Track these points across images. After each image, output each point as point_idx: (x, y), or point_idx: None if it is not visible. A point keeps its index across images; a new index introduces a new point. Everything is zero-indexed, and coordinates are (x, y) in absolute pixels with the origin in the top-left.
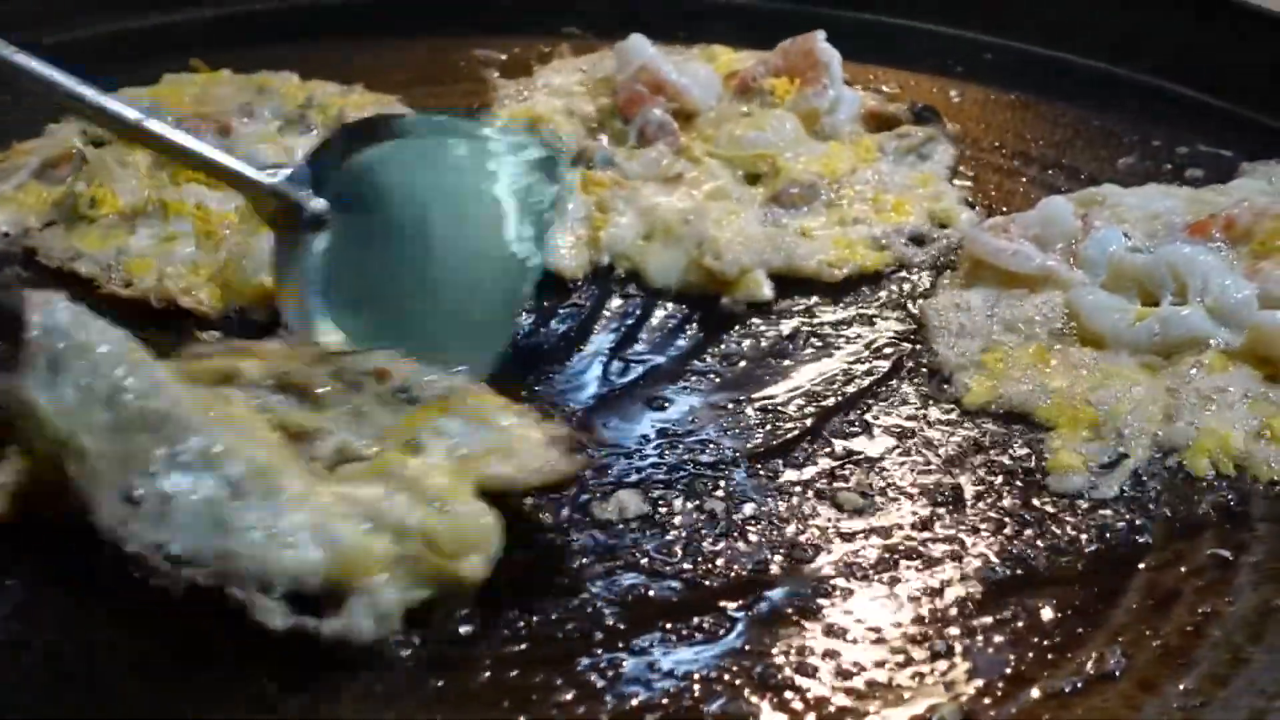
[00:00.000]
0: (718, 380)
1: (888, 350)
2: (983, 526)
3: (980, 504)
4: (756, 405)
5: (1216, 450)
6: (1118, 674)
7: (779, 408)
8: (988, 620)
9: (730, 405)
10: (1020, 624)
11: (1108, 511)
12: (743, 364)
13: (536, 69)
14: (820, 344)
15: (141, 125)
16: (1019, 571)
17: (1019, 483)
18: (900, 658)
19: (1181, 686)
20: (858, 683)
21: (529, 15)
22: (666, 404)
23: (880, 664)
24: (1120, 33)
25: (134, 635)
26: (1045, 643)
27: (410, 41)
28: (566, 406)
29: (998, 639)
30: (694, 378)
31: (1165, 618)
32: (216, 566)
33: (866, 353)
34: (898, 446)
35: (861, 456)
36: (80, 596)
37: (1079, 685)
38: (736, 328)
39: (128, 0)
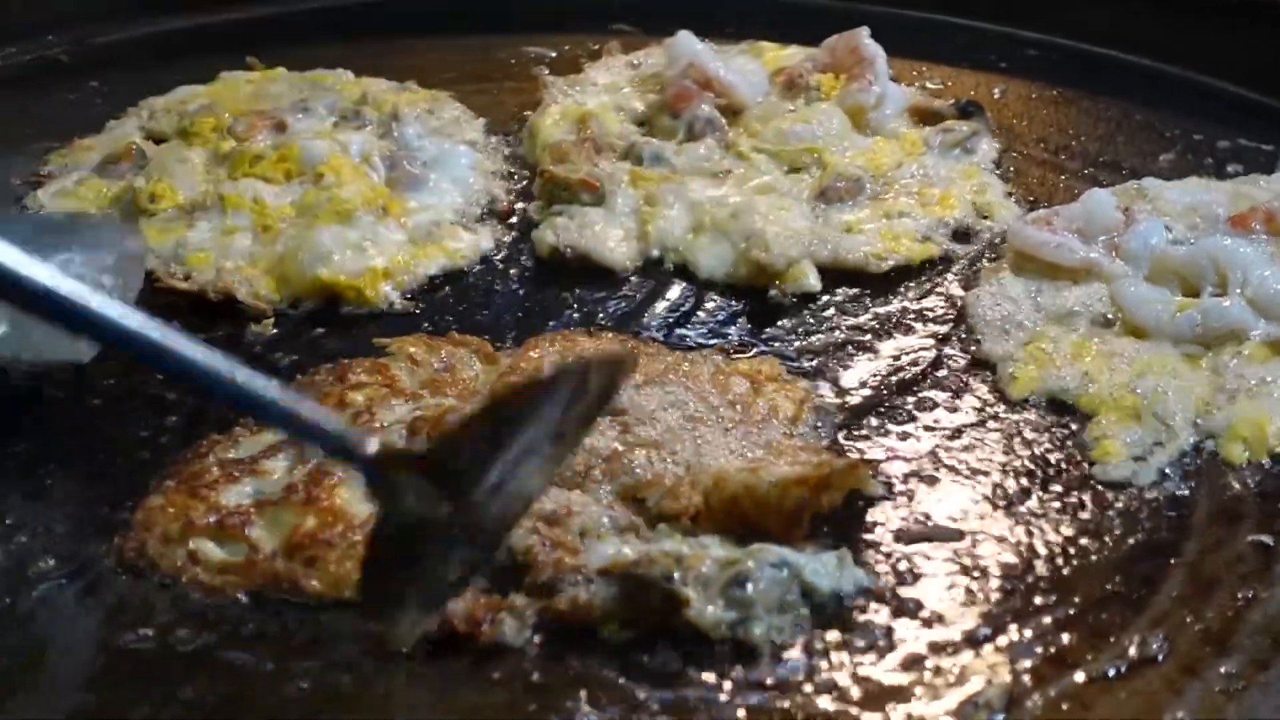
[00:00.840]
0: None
1: (933, 341)
2: (1027, 513)
3: (1025, 492)
4: None
5: (1252, 438)
6: (1160, 658)
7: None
8: (1032, 605)
9: None
10: (1064, 609)
11: (1150, 498)
12: (790, 354)
13: (586, 66)
14: (866, 335)
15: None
16: (1063, 557)
17: (1064, 471)
18: (946, 641)
19: (1222, 670)
20: (904, 664)
21: (579, 12)
22: None
23: (926, 646)
24: (1162, 29)
25: None
26: (1088, 627)
27: (462, 38)
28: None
29: (1042, 623)
30: None
31: (1206, 603)
32: None
33: (912, 343)
34: (943, 436)
35: (908, 446)
36: None
37: (1122, 669)
38: (784, 319)
39: None
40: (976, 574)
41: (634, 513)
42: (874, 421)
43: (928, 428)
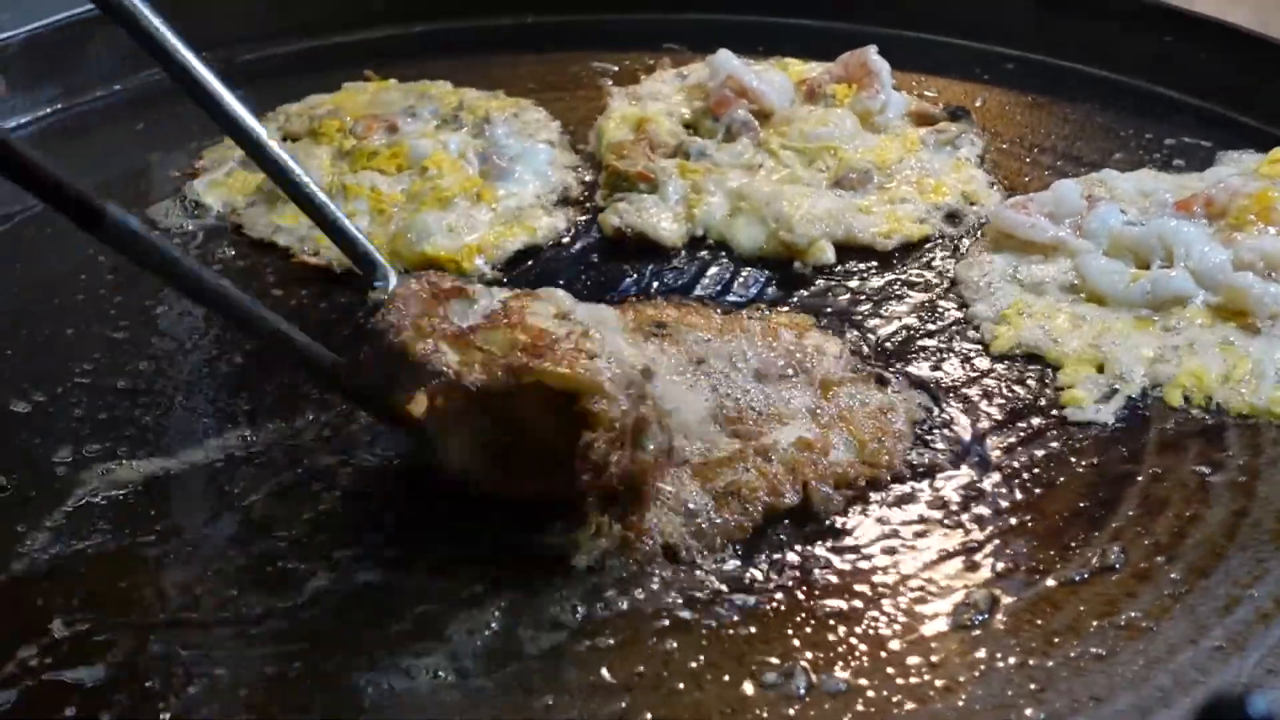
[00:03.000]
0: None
1: (928, 305)
2: (1009, 446)
3: (1006, 428)
4: None
5: (1192, 386)
6: (1117, 566)
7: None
8: (1012, 522)
9: None
10: (1038, 526)
11: (1109, 435)
12: (811, 316)
13: (643, 77)
14: (874, 300)
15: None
16: (1038, 482)
17: (1037, 412)
18: (938, 554)
19: (1171, 576)
20: (901, 577)
21: (637, 33)
22: None
23: (921, 560)
24: (1117, 45)
25: None
26: (1058, 541)
27: (540, 55)
28: None
29: (1019, 538)
30: None
31: (1156, 520)
32: None
33: (911, 307)
34: (938, 383)
35: (911, 392)
36: None
37: (1086, 575)
38: (806, 287)
39: (313, 23)
40: (964, 496)
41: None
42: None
43: (925, 376)
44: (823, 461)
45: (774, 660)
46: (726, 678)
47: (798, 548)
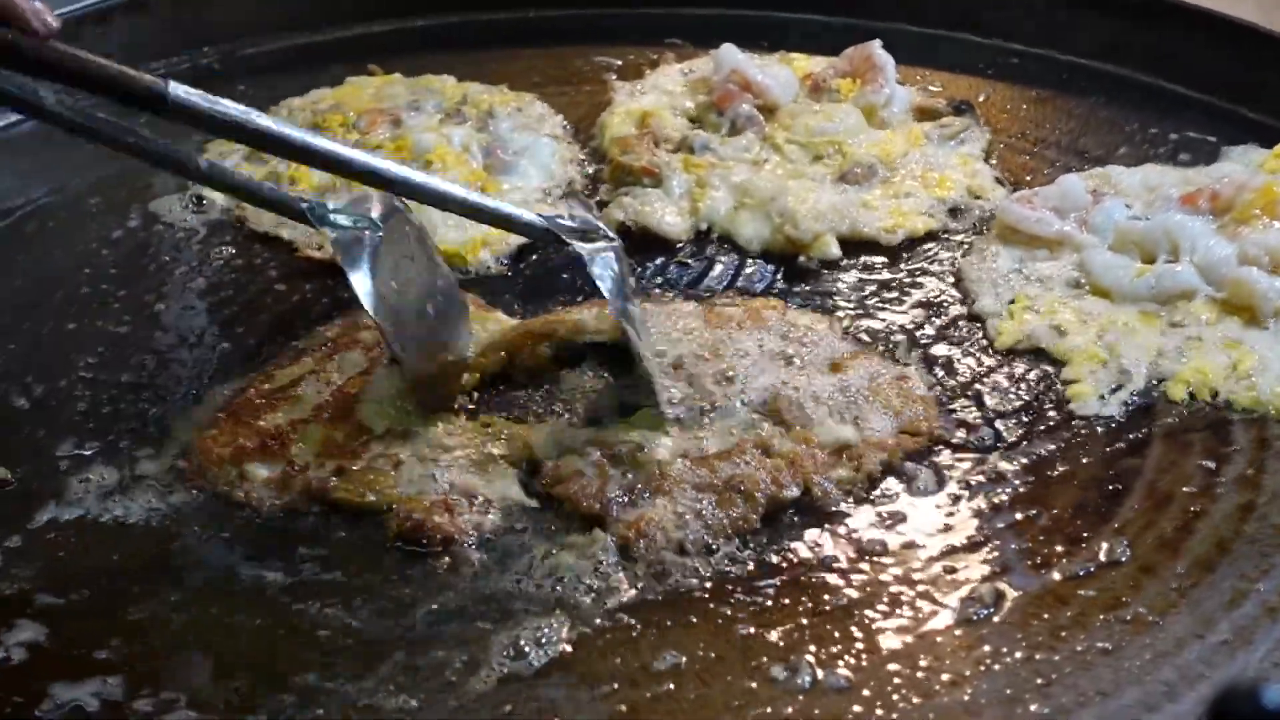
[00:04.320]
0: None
1: (933, 300)
2: (1014, 441)
3: (1012, 423)
4: None
5: (1197, 381)
6: (1123, 560)
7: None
8: (1017, 517)
9: None
10: (1044, 519)
11: (1114, 429)
12: (817, 309)
13: (647, 72)
14: (879, 295)
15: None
16: (1043, 476)
17: (1043, 406)
18: (943, 548)
19: (1177, 571)
20: (908, 571)
21: (641, 28)
22: None
23: (927, 554)
24: (1123, 40)
25: None
26: (1064, 535)
27: (544, 50)
28: None
29: (1026, 531)
30: None
31: (1162, 515)
32: None
33: (916, 302)
34: (945, 378)
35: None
36: None
37: (1091, 569)
38: (811, 281)
39: (316, 18)
40: (971, 490)
41: None
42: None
43: (931, 371)
44: (820, 455)
45: (780, 655)
46: (732, 673)
47: (803, 542)
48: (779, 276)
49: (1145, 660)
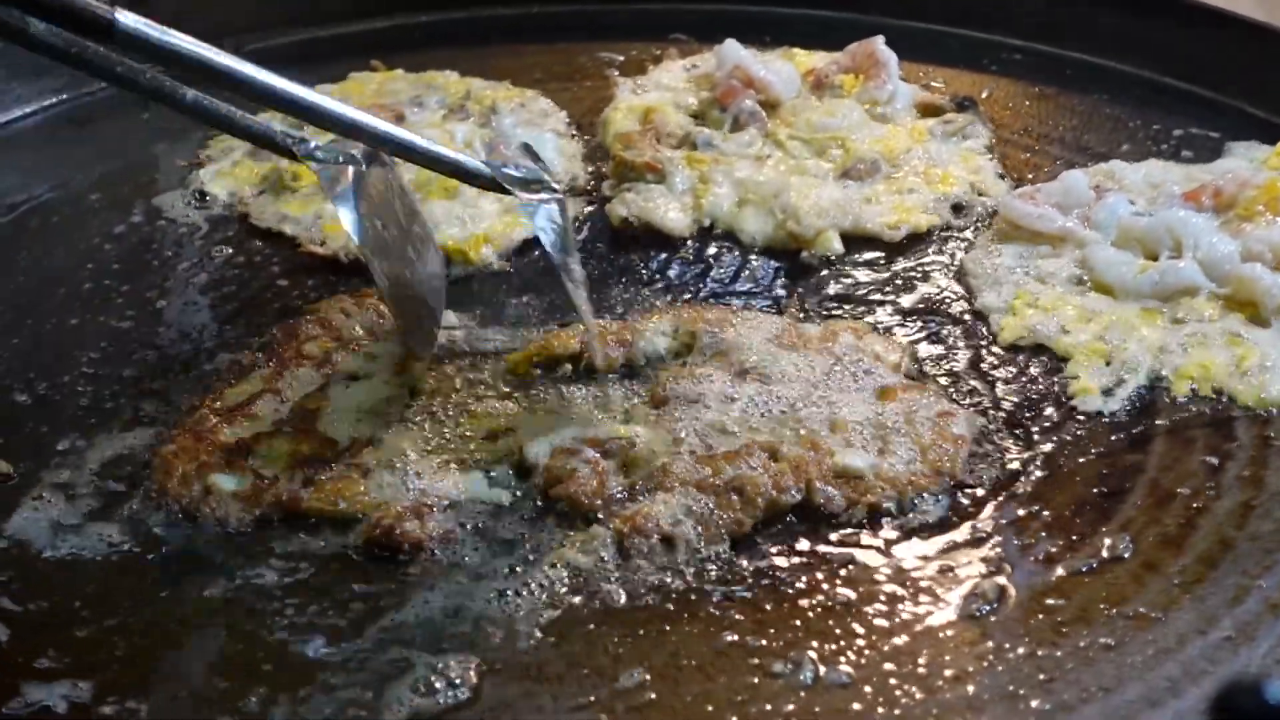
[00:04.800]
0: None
1: (936, 296)
2: (1017, 437)
3: (1014, 419)
4: None
5: (1200, 377)
6: (1126, 556)
7: None
8: (1020, 513)
9: None
10: (1046, 515)
11: (1117, 425)
12: (820, 304)
13: (649, 68)
14: (882, 290)
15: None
16: (1047, 473)
17: (1046, 402)
18: (947, 543)
19: (1180, 566)
20: (912, 568)
21: (644, 24)
22: None
23: (932, 550)
24: (1126, 35)
25: None
26: (1067, 531)
27: (547, 46)
28: None
29: (1028, 527)
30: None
31: (1165, 511)
32: None
33: (919, 298)
34: (948, 374)
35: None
36: None
37: (1094, 565)
38: (813, 276)
39: (319, 13)
40: (974, 487)
41: None
42: None
43: (934, 367)
44: (827, 461)
45: (781, 651)
46: (734, 669)
47: (805, 538)
48: (782, 272)
49: (1148, 656)
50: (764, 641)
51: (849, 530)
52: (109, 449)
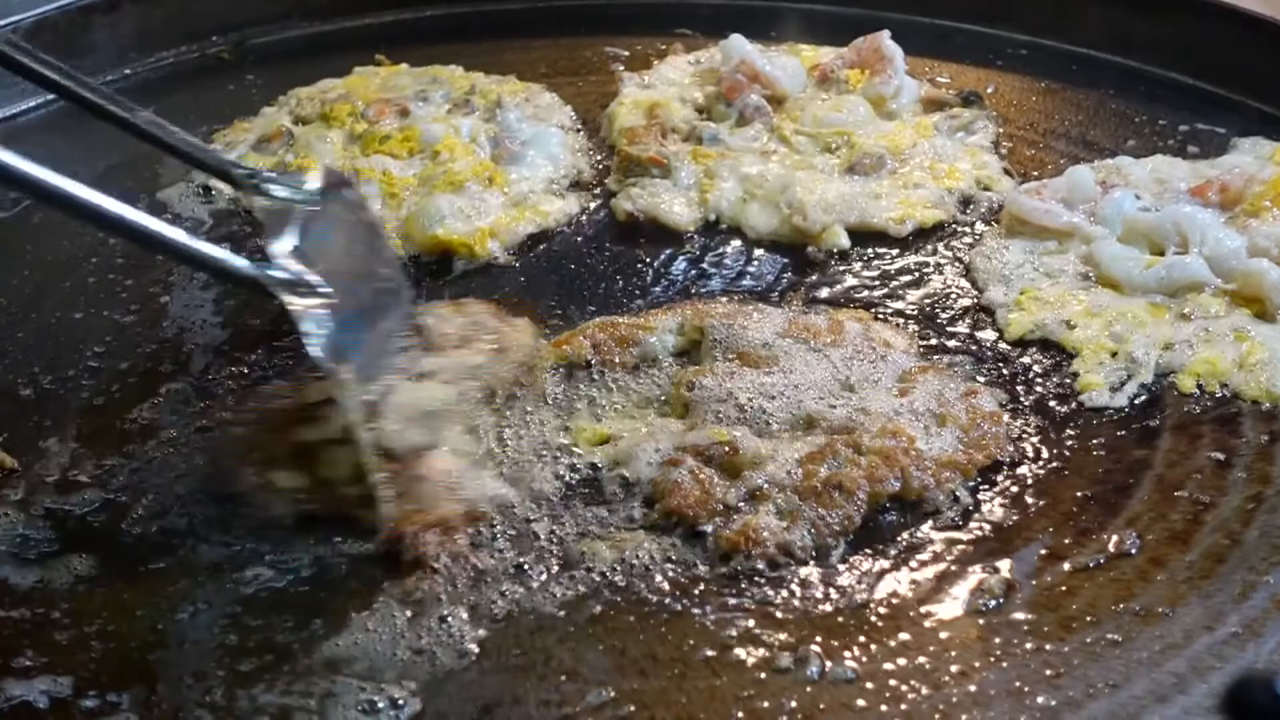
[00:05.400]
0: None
1: (943, 291)
2: (1026, 433)
3: (1023, 415)
4: None
5: (1206, 372)
6: (1133, 552)
7: None
8: (1027, 508)
9: None
10: (1053, 511)
11: (1124, 421)
12: (825, 299)
13: (655, 63)
14: (888, 285)
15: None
16: (1053, 468)
17: (1052, 397)
18: (953, 538)
19: (1187, 562)
20: (920, 563)
21: (649, 18)
22: None
23: (935, 545)
24: (1132, 31)
25: None
26: (1073, 526)
27: (552, 40)
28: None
29: (1035, 523)
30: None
31: (1171, 507)
32: None
33: (925, 293)
34: (956, 369)
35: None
36: None
37: (1101, 561)
38: (819, 272)
39: (324, 7)
40: (976, 482)
41: None
42: None
43: (944, 362)
44: (912, 450)
45: (787, 646)
46: (740, 664)
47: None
48: (788, 267)
49: (1155, 652)
50: (769, 637)
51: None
52: (107, 445)
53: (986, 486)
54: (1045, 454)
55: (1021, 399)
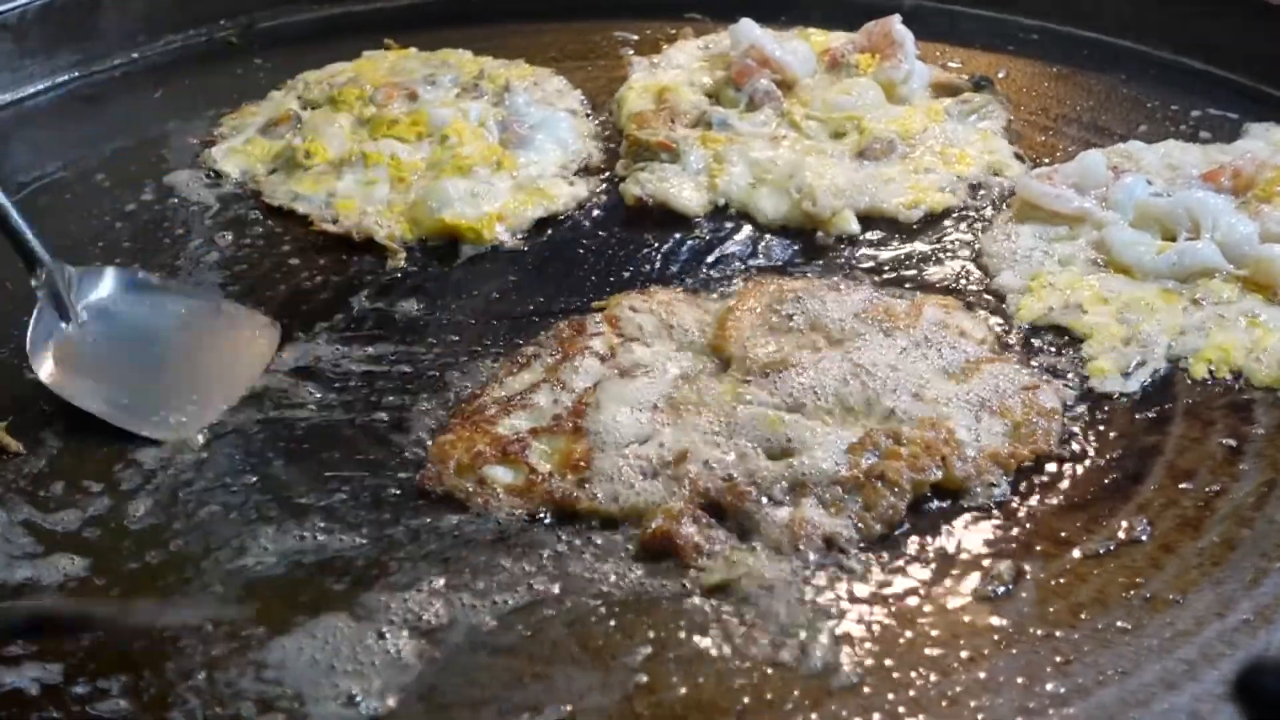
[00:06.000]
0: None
1: (954, 275)
2: (1035, 417)
3: (1033, 398)
4: None
5: (1218, 358)
6: (1144, 539)
7: None
8: (1037, 493)
9: None
10: (1064, 497)
11: (1135, 407)
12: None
13: (665, 47)
14: (898, 270)
15: None
16: (1064, 454)
17: (1065, 382)
18: (962, 525)
19: (1198, 549)
20: (925, 546)
21: (659, 3)
22: None
23: (944, 531)
24: (1144, 16)
25: None
26: (1084, 512)
27: (561, 24)
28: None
29: (1045, 509)
30: None
31: (1183, 493)
32: None
33: (936, 278)
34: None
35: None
36: None
37: (1112, 547)
38: (829, 256)
39: None
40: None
41: None
42: None
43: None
44: (952, 441)
45: (794, 633)
46: (745, 652)
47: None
48: (797, 252)
49: (1165, 639)
50: (774, 624)
51: None
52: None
53: (997, 472)
54: (1058, 439)
55: (1035, 384)
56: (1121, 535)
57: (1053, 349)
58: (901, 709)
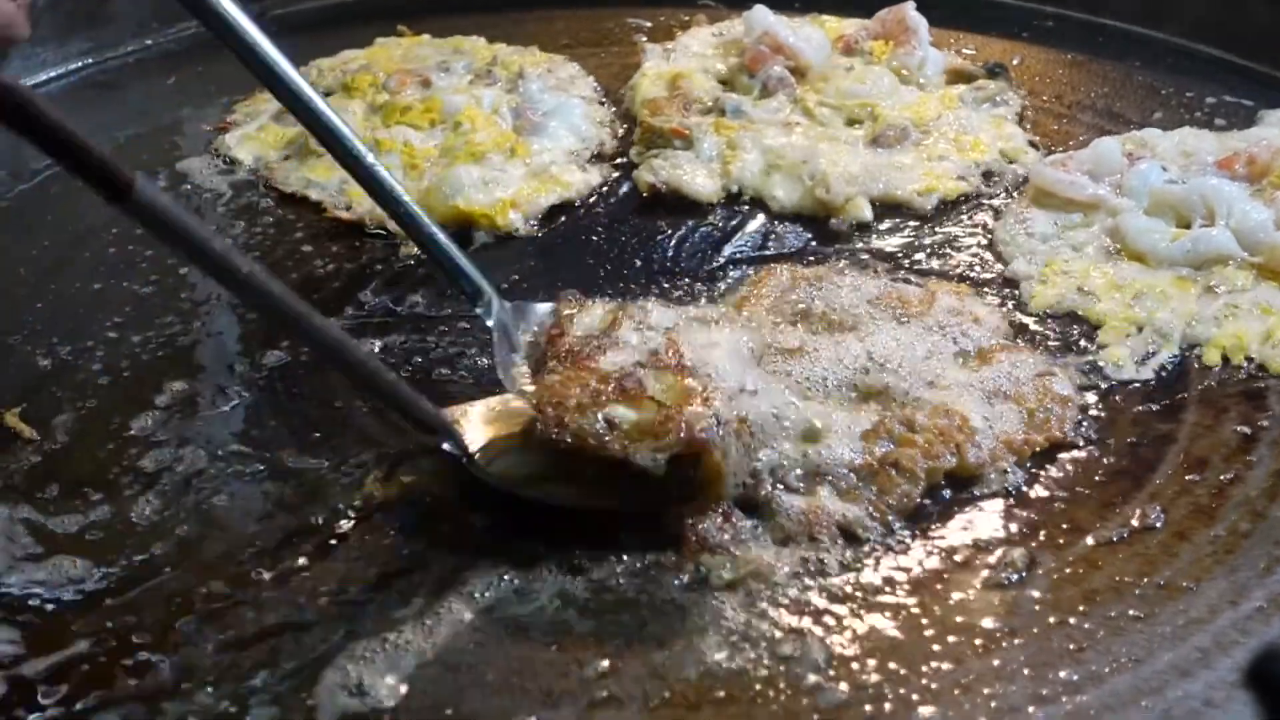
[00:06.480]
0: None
1: (967, 263)
2: (1049, 404)
3: (1047, 385)
4: None
5: (1232, 346)
6: (1158, 526)
7: None
8: (1050, 481)
9: None
10: (1077, 485)
11: (1149, 394)
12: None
13: (678, 34)
14: (912, 257)
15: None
16: (1078, 441)
17: (1078, 369)
18: (976, 511)
19: (1211, 536)
20: (937, 534)
21: None
22: None
23: (957, 519)
24: (1159, 3)
25: None
26: (1097, 500)
27: (574, 11)
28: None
29: (1058, 496)
30: None
31: (1197, 481)
32: None
33: (950, 265)
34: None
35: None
36: None
37: (1125, 535)
38: (843, 243)
39: None
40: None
41: None
42: None
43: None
44: (966, 428)
45: (803, 619)
46: (754, 639)
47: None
48: (811, 239)
49: (1178, 626)
50: (781, 612)
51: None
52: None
53: (1010, 459)
54: (1071, 426)
55: (1048, 370)
56: (1135, 523)
57: (1066, 336)
58: (914, 696)
